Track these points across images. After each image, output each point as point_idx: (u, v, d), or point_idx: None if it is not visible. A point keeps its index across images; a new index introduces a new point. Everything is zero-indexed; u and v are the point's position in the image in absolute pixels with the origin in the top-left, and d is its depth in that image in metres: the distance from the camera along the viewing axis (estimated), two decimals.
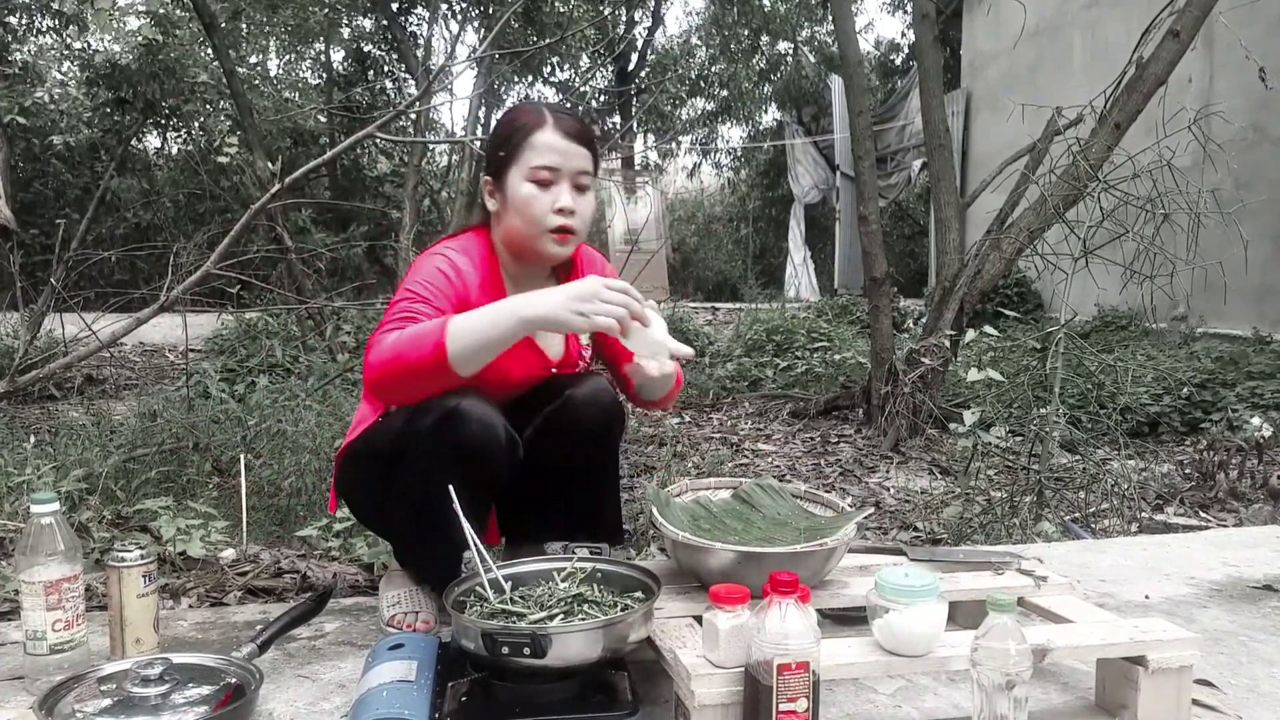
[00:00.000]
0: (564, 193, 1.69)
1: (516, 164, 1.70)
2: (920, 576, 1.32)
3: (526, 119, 1.72)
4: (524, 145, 1.69)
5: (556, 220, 1.68)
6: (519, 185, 1.69)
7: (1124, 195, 3.32)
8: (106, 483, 2.74)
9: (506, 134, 1.72)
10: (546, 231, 1.69)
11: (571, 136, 1.70)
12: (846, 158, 11.59)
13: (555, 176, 1.68)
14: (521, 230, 1.70)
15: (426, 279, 1.66)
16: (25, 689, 1.50)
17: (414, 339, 1.50)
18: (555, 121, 1.70)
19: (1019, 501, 2.90)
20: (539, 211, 1.68)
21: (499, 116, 1.82)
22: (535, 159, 1.68)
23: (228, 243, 3.98)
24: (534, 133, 1.69)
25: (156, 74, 7.86)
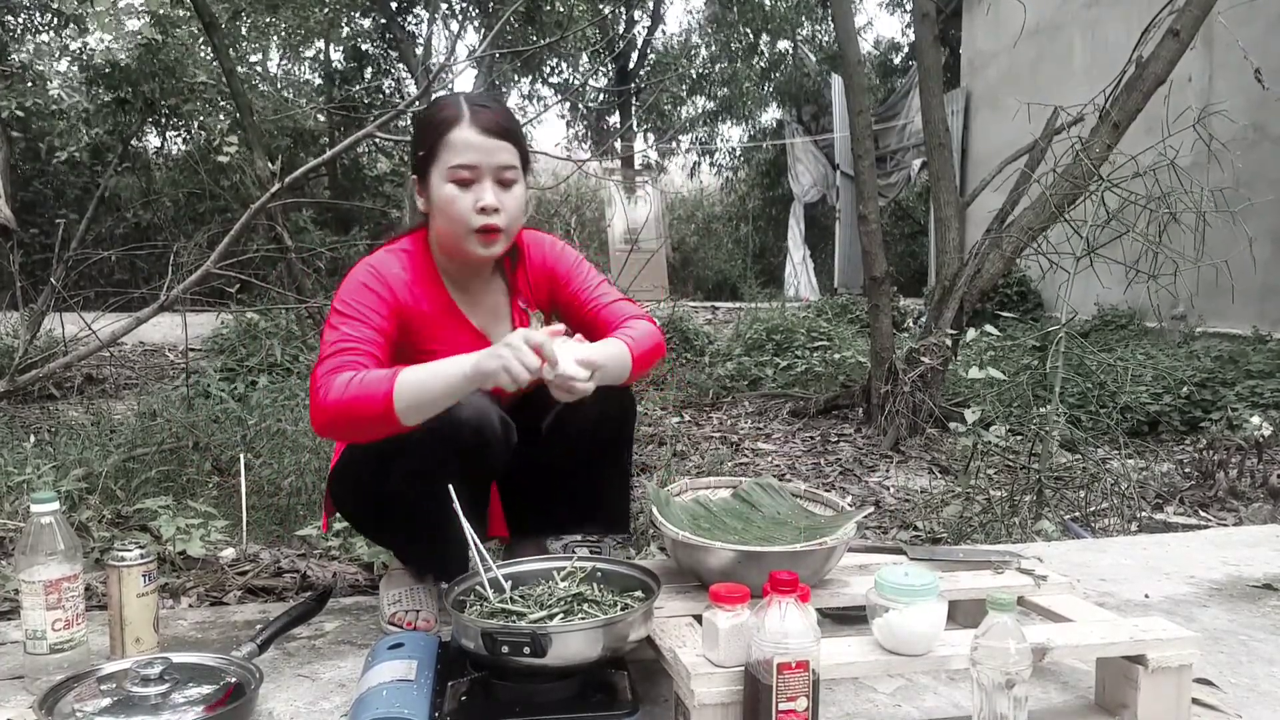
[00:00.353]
0: (486, 191, 1.63)
1: (436, 163, 1.65)
2: (920, 576, 1.32)
3: (443, 114, 1.65)
4: (441, 144, 1.63)
5: (480, 220, 1.63)
6: (440, 186, 1.64)
7: (1126, 194, 3.32)
8: (106, 482, 2.74)
9: (424, 132, 1.68)
10: (471, 232, 1.64)
11: (490, 131, 1.64)
12: (846, 157, 11.59)
13: (476, 174, 1.63)
14: (447, 231, 1.67)
15: (354, 297, 1.63)
16: (25, 688, 1.50)
17: (362, 392, 1.48)
18: (472, 116, 1.63)
19: (1019, 501, 2.90)
20: (461, 212, 1.63)
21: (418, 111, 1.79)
22: (453, 158, 1.63)
23: (228, 242, 3.98)
24: (450, 130, 1.63)
25: (156, 74, 7.85)
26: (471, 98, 1.69)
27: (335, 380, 1.51)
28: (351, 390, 1.49)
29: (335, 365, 1.54)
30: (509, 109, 1.71)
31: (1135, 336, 6.84)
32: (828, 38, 16.01)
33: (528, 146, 1.73)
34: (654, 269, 12.61)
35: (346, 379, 1.51)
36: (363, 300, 1.63)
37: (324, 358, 1.56)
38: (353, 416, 1.49)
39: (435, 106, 1.70)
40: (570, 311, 1.84)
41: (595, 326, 1.80)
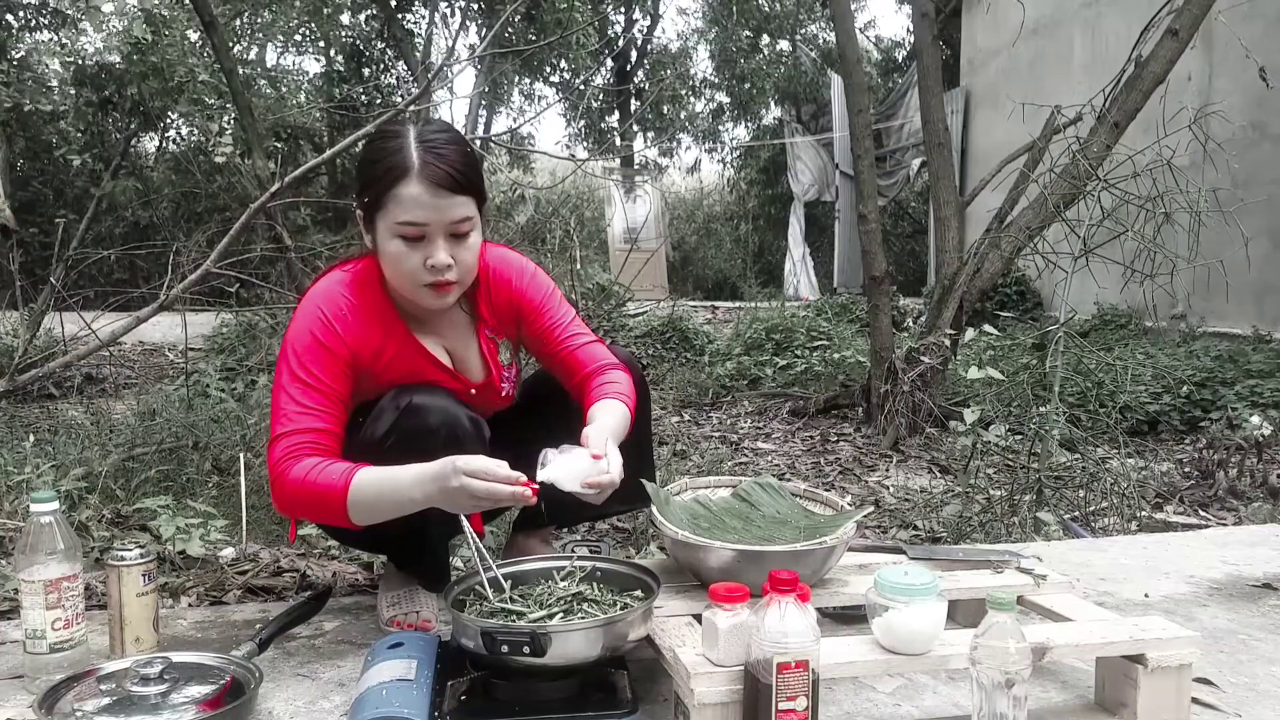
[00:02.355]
0: (438, 249, 1.53)
1: (382, 213, 1.54)
2: (920, 575, 1.32)
3: (390, 162, 1.51)
4: (389, 196, 1.51)
5: (428, 277, 1.54)
6: (386, 239, 1.54)
7: (1124, 194, 3.33)
8: (106, 482, 2.74)
9: (371, 176, 1.55)
10: (420, 286, 1.56)
11: (443, 187, 1.50)
12: (846, 156, 11.58)
13: (424, 231, 1.52)
14: (395, 282, 1.60)
15: (306, 356, 1.56)
16: (25, 688, 1.50)
17: (318, 487, 1.48)
18: (421, 169, 1.50)
19: (1018, 500, 2.90)
20: (411, 269, 1.54)
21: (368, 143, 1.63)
22: (401, 214, 1.51)
23: (227, 241, 3.98)
24: (398, 184, 1.50)
25: (145, 74, 7.82)
26: (425, 140, 1.53)
27: (295, 466, 1.50)
28: (310, 483, 1.49)
29: (292, 447, 1.52)
30: (465, 150, 1.56)
31: (1134, 336, 6.84)
32: (828, 35, 16.01)
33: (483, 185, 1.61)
34: (654, 268, 12.62)
35: (307, 467, 1.50)
36: (315, 360, 1.56)
37: (279, 434, 1.53)
38: (312, 506, 1.52)
39: (381, 148, 1.55)
40: (539, 345, 1.79)
41: (567, 367, 1.76)
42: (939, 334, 4.39)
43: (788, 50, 16.64)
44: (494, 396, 1.81)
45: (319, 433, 1.54)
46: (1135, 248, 3.33)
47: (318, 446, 1.53)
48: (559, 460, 1.44)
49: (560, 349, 1.76)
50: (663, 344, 6.97)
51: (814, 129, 14.38)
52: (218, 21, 6.04)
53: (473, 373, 1.77)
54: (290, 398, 1.56)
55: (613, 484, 1.45)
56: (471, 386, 1.77)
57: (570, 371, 1.76)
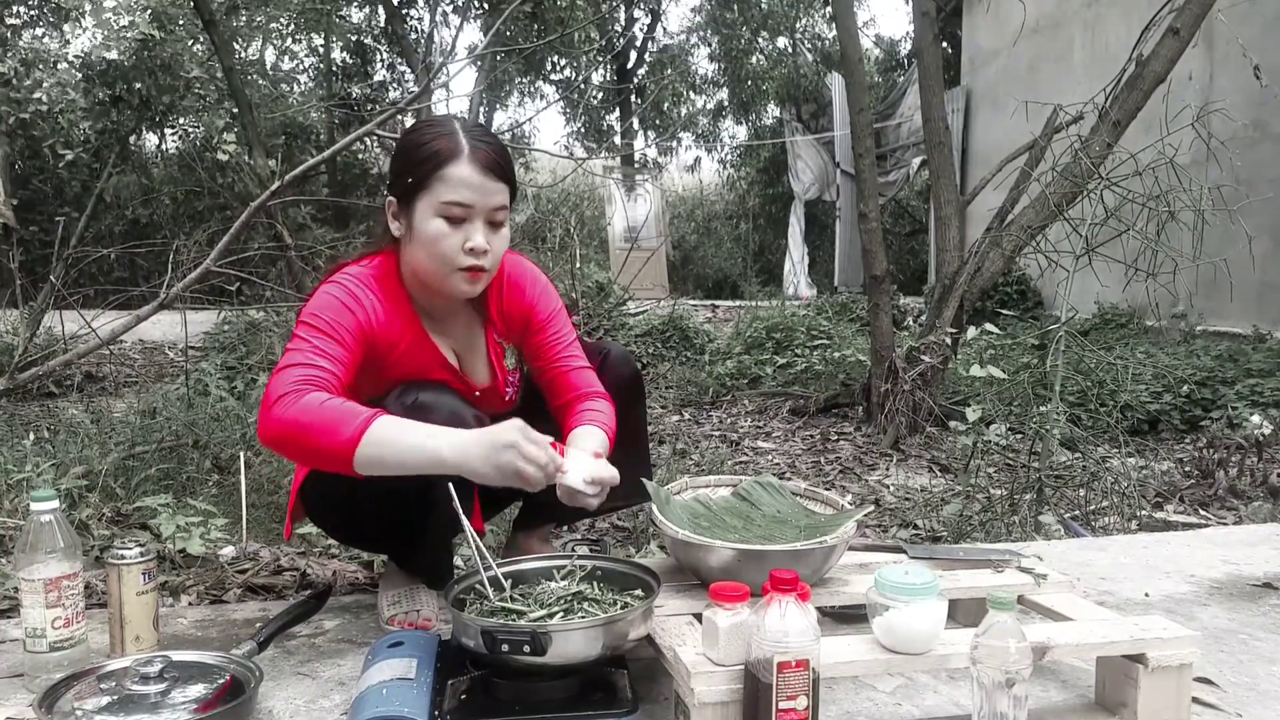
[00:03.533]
0: (476, 232, 1.56)
1: (426, 194, 1.55)
2: (920, 574, 1.32)
3: (440, 145, 1.55)
4: (435, 176, 1.54)
5: (467, 260, 1.56)
6: (427, 219, 1.56)
7: (1126, 192, 3.32)
8: (106, 480, 2.74)
9: (416, 158, 1.57)
10: (456, 270, 1.57)
11: (489, 170, 1.55)
12: (846, 155, 11.58)
13: (468, 214, 1.55)
14: (428, 266, 1.59)
15: (328, 312, 1.54)
16: (25, 686, 1.50)
17: (330, 421, 1.39)
18: (472, 152, 1.55)
19: (1019, 499, 2.90)
20: (448, 250, 1.55)
21: (407, 133, 1.65)
22: (448, 193, 1.54)
23: (227, 240, 3.98)
24: (448, 164, 1.54)
25: (152, 70, 7.82)
26: (469, 130, 1.59)
27: (304, 396, 1.42)
28: (318, 414, 1.40)
29: (305, 377, 1.45)
30: (504, 144, 1.64)
31: (1135, 335, 6.84)
32: (828, 33, 16.00)
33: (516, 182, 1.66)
34: (654, 267, 12.62)
35: (318, 399, 1.42)
36: (337, 317, 1.54)
37: (291, 365, 1.47)
38: (306, 441, 1.40)
39: (428, 133, 1.59)
40: (535, 358, 1.80)
41: (557, 386, 1.78)
42: (939, 333, 4.39)
43: (788, 49, 16.63)
44: (497, 400, 1.81)
45: (330, 374, 1.49)
46: (1137, 246, 3.32)
47: (326, 384, 1.47)
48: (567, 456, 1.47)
49: (556, 367, 1.78)
50: (663, 343, 6.97)
51: (814, 128, 14.39)
52: (217, 19, 6.04)
53: (478, 375, 1.78)
54: (305, 343, 1.51)
55: (614, 480, 1.50)
56: (476, 389, 1.77)
57: (559, 392, 1.78)
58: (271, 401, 1.43)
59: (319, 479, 1.70)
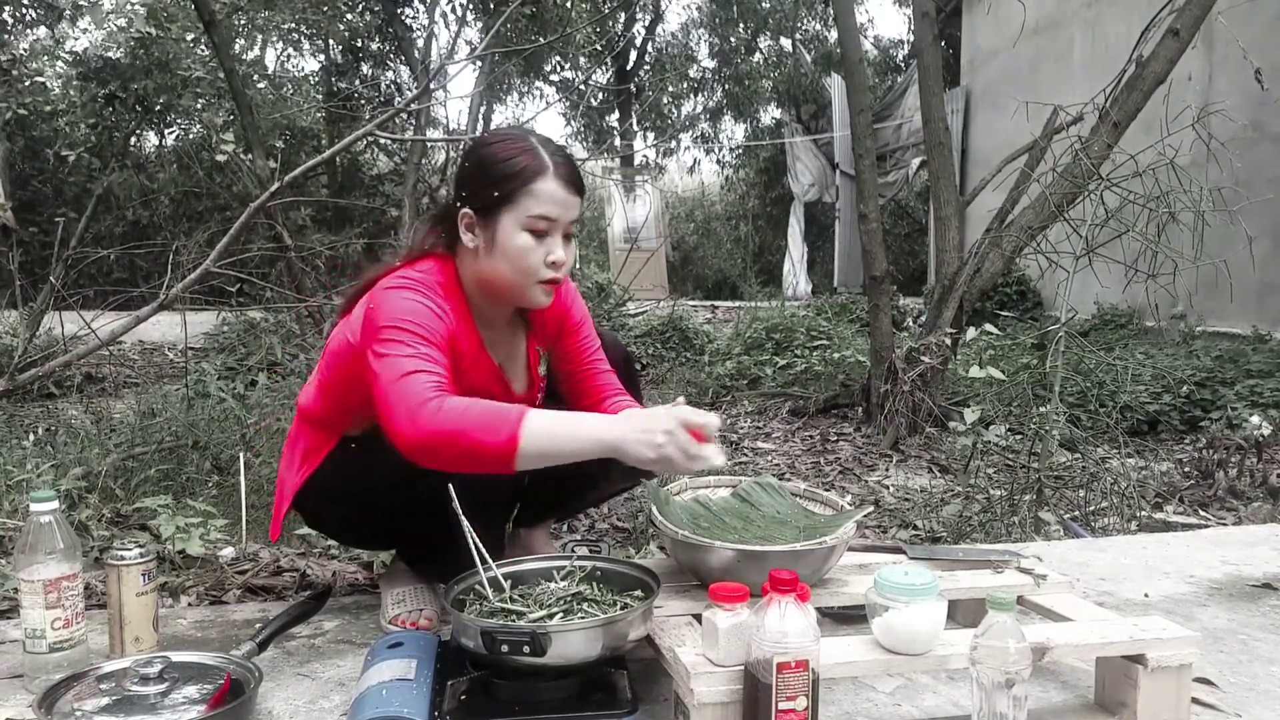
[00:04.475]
0: (557, 245, 1.61)
1: (512, 209, 1.58)
2: (920, 575, 1.32)
3: (527, 162, 1.58)
4: (524, 192, 1.57)
5: (548, 273, 1.61)
6: (514, 233, 1.58)
7: (1126, 193, 3.32)
8: (106, 481, 2.74)
9: (502, 174, 1.58)
10: (537, 283, 1.61)
11: (573, 186, 1.61)
12: (846, 156, 11.58)
13: (551, 227, 1.59)
14: (508, 278, 1.61)
15: (417, 318, 1.52)
16: (25, 687, 1.50)
17: (484, 421, 1.38)
18: (556, 169, 1.59)
19: (1018, 500, 2.90)
20: (533, 264, 1.59)
21: (484, 145, 1.66)
22: (536, 208, 1.57)
23: (227, 241, 3.98)
24: (535, 180, 1.57)
25: (150, 69, 7.83)
26: (545, 144, 1.62)
27: (446, 402, 1.41)
28: (470, 417, 1.39)
29: (437, 383, 1.43)
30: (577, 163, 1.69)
31: (1135, 336, 6.84)
32: (828, 33, 16.00)
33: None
34: (654, 268, 12.62)
35: (461, 405, 1.41)
36: (431, 325, 1.53)
37: (415, 371, 1.44)
38: (463, 444, 1.38)
39: (510, 148, 1.60)
40: (566, 361, 1.84)
41: (586, 387, 1.83)
42: (939, 333, 4.39)
43: (787, 50, 16.63)
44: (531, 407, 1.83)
45: (447, 378, 1.48)
46: (1137, 247, 3.33)
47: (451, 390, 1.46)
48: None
49: (586, 369, 1.84)
50: (663, 343, 6.97)
51: (814, 129, 14.38)
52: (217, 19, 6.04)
53: (518, 383, 1.81)
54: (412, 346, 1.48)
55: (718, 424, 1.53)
56: (517, 399, 1.78)
57: (587, 392, 1.83)
58: (414, 408, 1.40)
59: (322, 482, 1.70)
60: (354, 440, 1.70)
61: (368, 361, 1.51)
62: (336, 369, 1.70)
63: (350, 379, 1.65)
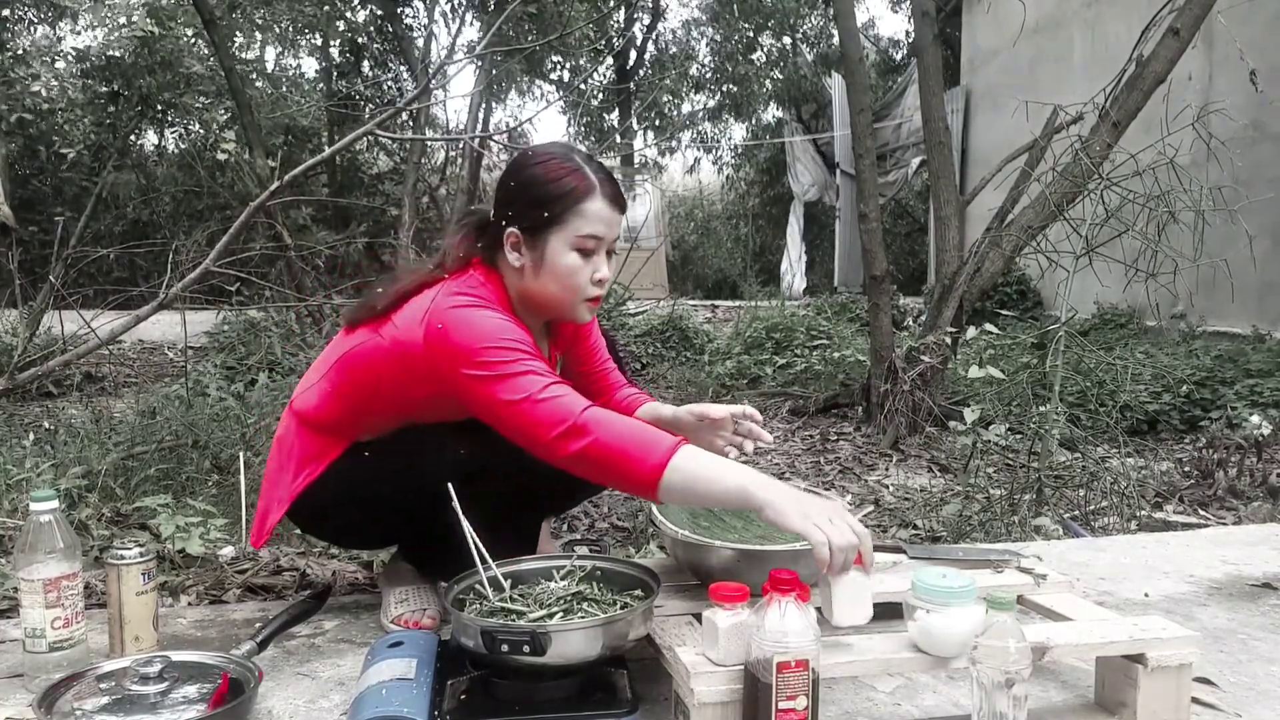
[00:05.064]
0: (604, 263, 1.65)
1: (561, 228, 1.60)
2: (957, 578, 1.31)
3: (576, 183, 1.61)
4: (573, 212, 1.60)
5: (594, 290, 1.65)
6: (563, 252, 1.61)
7: (1126, 192, 3.32)
8: (105, 480, 2.74)
9: (551, 194, 1.60)
10: (583, 301, 1.65)
11: (619, 205, 1.64)
12: (846, 155, 11.58)
13: (598, 246, 1.63)
14: (555, 295, 1.64)
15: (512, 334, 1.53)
16: (24, 686, 1.50)
17: (642, 440, 1.41)
18: (603, 189, 1.62)
19: (1018, 499, 2.90)
20: (581, 282, 1.63)
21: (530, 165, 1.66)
22: (585, 228, 1.60)
23: (227, 240, 3.98)
24: (585, 200, 1.60)
25: (152, 68, 7.83)
26: (591, 164, 1.65)
27: (604, 413, 1.45)
28: (626, 436, 1.41)
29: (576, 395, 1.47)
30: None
31: (1135, 335, 6.84)
32: (828, 35, 16.00)
33: None
34: (654, 267, 12.62)
35: (619, 419, 1.45)
36: (523, 338, 1.54)
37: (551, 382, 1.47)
38: (615, 458, 1.40)
39: (557, 168, 1.61)
40: (580, 362, 1.92)
41: (599, 385, 1.91)
42: (939, 333, 4.39)
43: (788, 49, 16.63)
44: None
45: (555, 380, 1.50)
46: (1137, 247, 3.32)
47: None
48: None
49: (599, 369, 1.93)
50: (663, 343, 6.97)
51: (814, 128, 14.38)
52: (217, 19, 6.04)
53: None
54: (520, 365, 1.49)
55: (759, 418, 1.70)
56: None
57: (599, 390, 1.91)
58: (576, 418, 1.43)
59: (327, 489, 1.69)
60: (366, 447, 1.69)
61: (468, 383, 1.50)
62: (359, 377, 1.67)
63: (378, 387, 1.64)
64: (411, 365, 1.58)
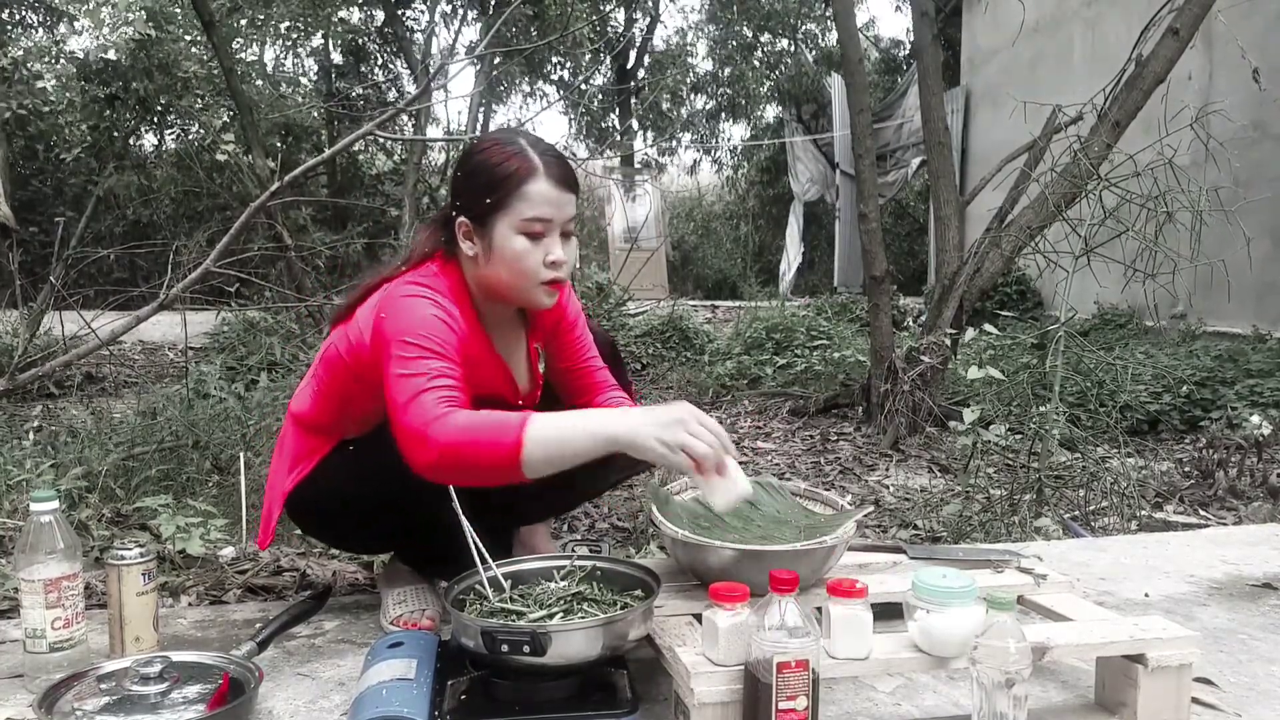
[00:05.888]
0: (556, 245, 1.61)
1: (505, 214, 1.58)
2: (958, 579, 1.31)
3: (517, 165, 1.58)
4: (516, 195, 1.57)
5: (549, 274, 1.61)
6: (509, 238, 1.58)
7: (1125, 193, 3.32)
8: (106, 481, 2.74)
9: (493, 179, 1.58)
10: (539, 285, 1.61)
11: (565, 184, 1.60)
12: (846, 155, 11.58)
13: (547, 228, 1.59)
14: (510, 283, 1.62)
15: (429, 330, 1.52)
16: (25, 687, 1.50)
17: (489, 431, 1.38)
18: (547, 169, 1.58)
19: (1018, 499, 2.90)
20: (532, 266, 1.59)
21: (474, 153, 1.65)
22: (528, 210, 1.57)
23: (227, 240, 3.98)
24: (526, 182, 1.57)
25: (149, 70, 7.83)
26: (535, 144, 1.62)
27: (451, 416, 1.40)
28: (474, 429, 1.39)
29: (444, 398, 1.43)
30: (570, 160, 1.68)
31: (1135, 335, 6.84)
32: (828, 35, 16.00)
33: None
34: (654, 268, 12.61)
35: (465, 418, 1.41)
36: (444, 336, 1.52)
37: (424, 390, 1.44)
38: (472, 458, 1.39)
39: (499, 152, 1.60)
40: (562, 358, 1.86)
41: (582, 383, 1.85)
42: (939, 333, 4.39)
43: (788, 49, 16.63)
44: (533, 406, 1.84)
45: (463, 393, 1.47)
46: (1136, 247, 3.33)
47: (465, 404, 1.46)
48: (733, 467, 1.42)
49: (582, 366, 1.86)
50: (663, 343, 6.97)
51: (814, 128, 14.38)
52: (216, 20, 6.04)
53: (523, 382, 1.82)
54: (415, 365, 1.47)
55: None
56: (521, 398, 1.80)
57: (584, 389, 1.85)
58: (423, 429, 1.40)
59: (316, 486, 1.70)
60: (352, 443, 1.70)
61: (383, 374, 1.50)
62: (337, 375, 1.69)
63: (351, 384, 1.66)
64: (366, 358, 1.59)
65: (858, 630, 1.29)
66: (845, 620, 1.28)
